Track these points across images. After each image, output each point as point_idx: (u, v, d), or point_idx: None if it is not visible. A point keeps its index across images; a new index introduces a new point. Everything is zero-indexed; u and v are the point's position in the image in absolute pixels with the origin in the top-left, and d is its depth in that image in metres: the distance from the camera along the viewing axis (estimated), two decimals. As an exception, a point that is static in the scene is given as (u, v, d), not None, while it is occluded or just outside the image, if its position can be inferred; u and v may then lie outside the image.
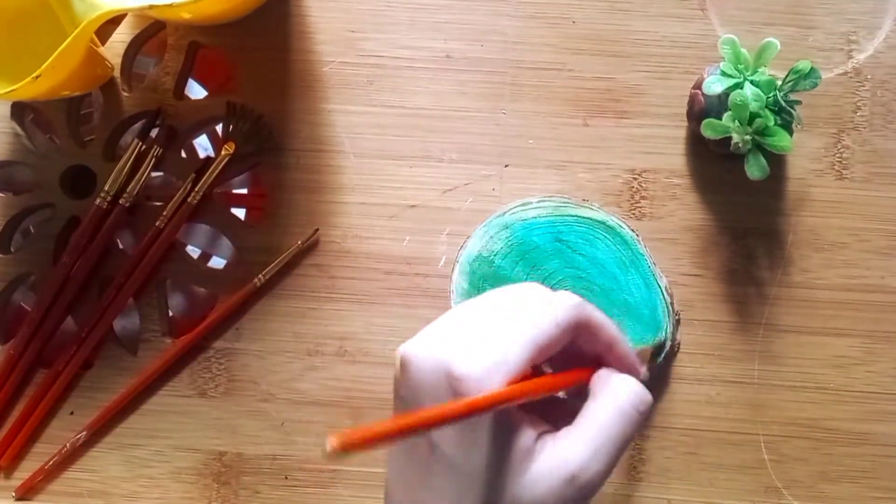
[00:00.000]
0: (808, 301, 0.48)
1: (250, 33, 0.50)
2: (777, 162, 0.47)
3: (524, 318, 0.30)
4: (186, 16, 0.47)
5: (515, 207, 0.47)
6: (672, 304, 0.46)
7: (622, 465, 0.47)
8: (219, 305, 0.49)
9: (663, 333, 0.45)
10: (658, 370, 0.46)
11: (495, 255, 0.46)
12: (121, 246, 0.51)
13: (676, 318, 0.46)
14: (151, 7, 0.42)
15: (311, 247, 0.49)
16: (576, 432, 0.30)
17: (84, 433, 0.48)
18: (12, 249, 0.51)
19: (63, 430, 0.49)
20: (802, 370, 0.47)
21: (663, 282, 0.46)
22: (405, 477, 0.31)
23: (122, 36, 0.51)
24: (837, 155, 0.48)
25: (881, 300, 0.48)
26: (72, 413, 0.49)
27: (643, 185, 0.49)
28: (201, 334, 0.49)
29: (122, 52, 0.51)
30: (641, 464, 0.47)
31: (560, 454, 0.29)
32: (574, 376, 0.32)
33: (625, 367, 0.33)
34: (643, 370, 0.34)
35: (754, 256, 0.48)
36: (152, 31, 0.51)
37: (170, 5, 0.41)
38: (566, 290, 0.45)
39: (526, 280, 0.46)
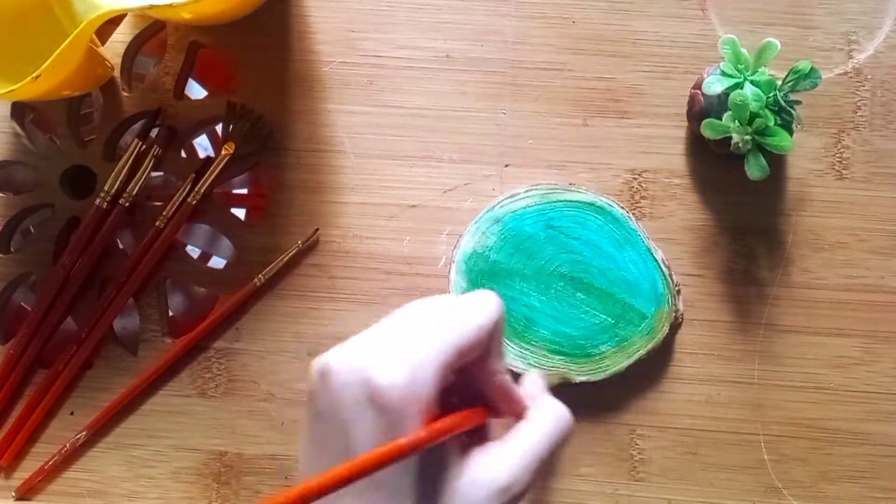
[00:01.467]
0: (808, 301, 0.48)
1: (250, 33, 0.50)
2: (777, 162, 0.47)
3: (443, 323, 0.31)
4: (186, 16, 0.47)
5: (504, 200, 0.47)
6: (671, 275, 0.46)
7: (622, 465, 0.47)
8: (219, 305, 0.49)
9: (666, 306, 0.46)
10: (665, 342, 0.46)
11: (490, 250, 0.46)
12: (121, 246, 0.51)
13: (677, 288, 0.46)
14: (151, 7, 0.42)
15: (311, 247, 0.49)
16: (511, 448, 0.32)
17: (84, 433, 0.48)
18: (12, 249, 0.51)
19: (63, 430, 0.49)
20: (802, 370, 0.47)
21: (659, 255, 0.46)
22: (336, 494, 0.32)
23: (122, 36, 0.51)
24: (837, 155, 0.48)
25: (881, 300, 0.48)
26: (72, 413, 0.49)
27: (643, 185, 0.49)
28: (201, 334, 0.49)
29: (122, 52, 0.51)
30: (641, 464, 0.47)
31: (495, 466, 0.31)
32: (479, 414, 0.33)
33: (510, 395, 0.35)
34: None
35: (754, 256, 0.48)
36: (152, 31, 0.51)
37: (170, 5, 0.41)
38: (563, 274, 0.46)
39: (526, 271, 0.46)
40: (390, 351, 0.30)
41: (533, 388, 0.37)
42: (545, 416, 0.34)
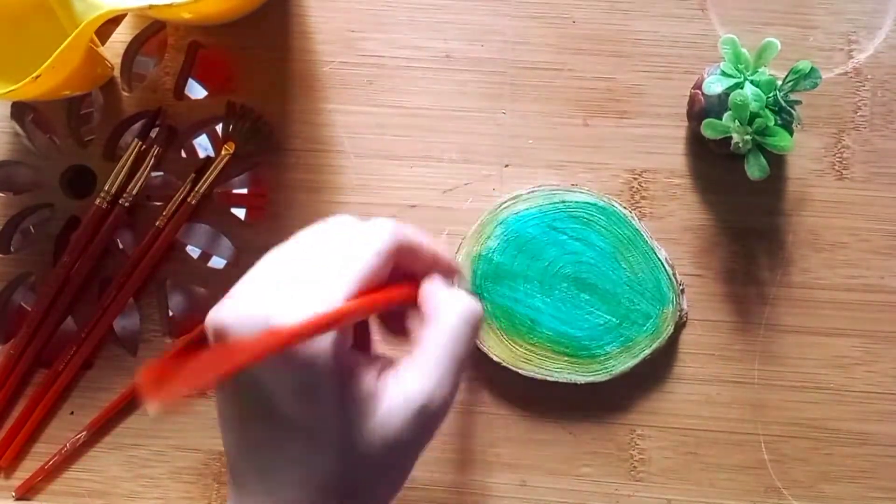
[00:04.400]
0: (808, 301, 0.48)
1: (250, 33, 0.50)
2: (777, 162, 0.47)
3: (342, 255, 0.29)
4: (186, 16, 0.47)
5: (506, 202, 0.47)
6: (674, 274, 0.46)
7: (622, 465, 0.47)
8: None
9: (670, 305, 0.46)
10: (669, 342, 0.47)
11: (493, 252, 0.46)
12: (121, 246, 0.51)
13: (681, 287, 0.47)
14: (151, 7, 0.42)
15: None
16: (418, 362, 0.30)
17: (84, 433, 0.48)
18: (12, 249, 0.51)
19: (63, 430, 0.49)
20: (802, 370, 0.47)
21: (662, 254, 0.46)
22: (247, 447, 0.29)
23: (122, 36, 0.51)
24: (837, 155, 0.48)
25: (881, 300, 0.48)
26: (72, 413, 0.49)
27: (643, 185, 0.49)
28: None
29: (122, 52, 0.51)
30: (641, 464, 0.47)
31: (406, 388, 0.29)
32: (402, 292, 0.31)
33: (449, 271, 0.34)
34: (461, 270, 0.35)
35: (754, 256, 0.48)
36: (152, 31, 0.51)
37: (170, 5, 0.41)
38: (567, 275, 0.46)
39: (529, 273, 0.46)
40: (289, 295, 0.27)
41: (431, 287, 0.33)
42: (446, 313, 0.31)
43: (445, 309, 0.31)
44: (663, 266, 0.46)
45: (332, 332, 0.27)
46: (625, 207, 0.46)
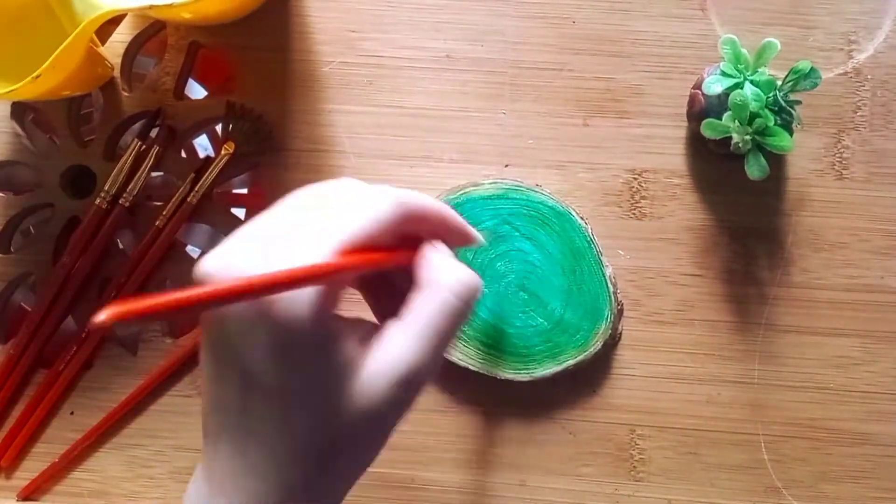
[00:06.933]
0: (808, 301, 0.48)
1: (250, 33, 0.50)
2: (777, 162, 0.47)
3: (338, 218, 0.27)
4: (186, 16, 0.47)
5: (467, 187, 0.47)
6: (615, 293, 0.46)
7: (622, 465, 0.47)
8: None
9: (604, 323, 0.46)
10: (599, 357, 0.46)
11: None
12: (121, 246, 0.51)
13: (619, 307, 0.46)
14: (151, 7, 0.42)
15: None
16: (406, 329, 0.29)
17: (87, 437, 0.48)
18: (12, 249, 0.51)
19: (63, 430, 0.49)
20: (802, 370, 0.47)
21: (608, 271, 0.46)
22: (220, 405, 0.29)
23: (122, 36, 0.51)
24: (837, 155, 0.48)
25: (881, 300, 0.48)
26: (72, 413, 0.49)
27: (643, 185, 0.49)
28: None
29: (122, 52, 0.51)
30: (641, 464, 0.47)
31: (391, 356, 0.28)
32: (395, 255, 0.30)
33: (460, 239, 0.32)
34: (479, 237, 0.34)
35: (754, 256, 0.48)
36: (152, 31, 0.51)
37: (170, 5, 0.41)
38: (511, 271, 0.46)
39: (475, 261, 0.46)
40: (272, 253, 0.26)
41: (430, 254, 0.31)
42: (440, 283, 0.30)
43: (441, 278, 0.30)
44: (606, 283, 0.46)
45: (313, 292, 0.26)
46: (582, 218, 0.46)
